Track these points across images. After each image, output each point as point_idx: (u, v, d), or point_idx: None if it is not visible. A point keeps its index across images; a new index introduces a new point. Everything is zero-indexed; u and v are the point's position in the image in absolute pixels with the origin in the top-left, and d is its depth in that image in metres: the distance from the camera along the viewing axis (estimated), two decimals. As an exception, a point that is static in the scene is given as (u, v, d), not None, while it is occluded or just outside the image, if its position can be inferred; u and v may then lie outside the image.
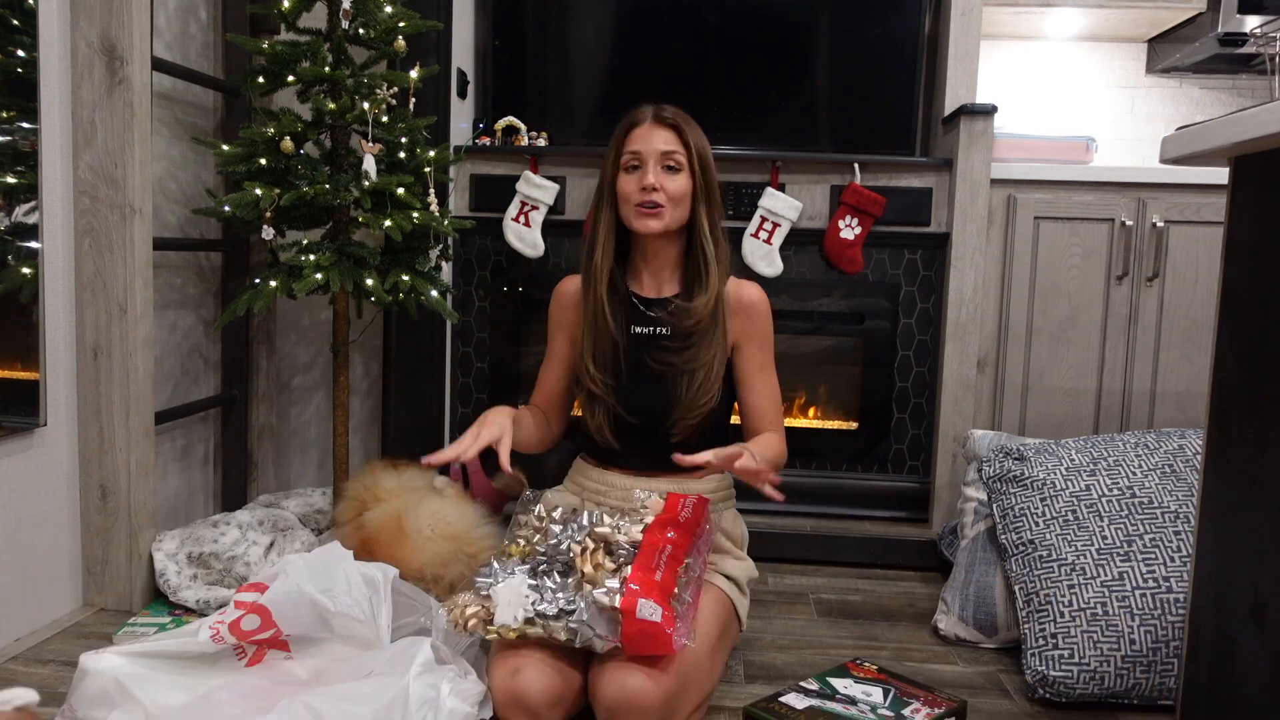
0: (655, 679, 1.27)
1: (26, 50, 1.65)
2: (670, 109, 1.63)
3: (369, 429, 2.48)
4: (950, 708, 1.47)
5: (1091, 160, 2.47)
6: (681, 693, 1.32)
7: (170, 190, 2.15)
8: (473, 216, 2.33)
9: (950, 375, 2.32)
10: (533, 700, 1.29)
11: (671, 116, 1.61)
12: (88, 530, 1.84)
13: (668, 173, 1.59)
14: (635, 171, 1.60)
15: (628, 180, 1.60)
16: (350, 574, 1.44)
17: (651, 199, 1.57)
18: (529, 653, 1.32)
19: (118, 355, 1.81)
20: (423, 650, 1.33)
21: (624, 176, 1.61)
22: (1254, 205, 1.17)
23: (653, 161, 1.58)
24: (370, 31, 1.99)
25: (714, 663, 1.47)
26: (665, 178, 1.58)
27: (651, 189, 1.57)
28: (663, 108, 1.62)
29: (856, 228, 2.33)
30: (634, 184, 1.59)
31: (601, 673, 1.30)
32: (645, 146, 1.59)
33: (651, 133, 1.60)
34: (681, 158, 1.59)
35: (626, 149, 1.60)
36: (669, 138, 1.59)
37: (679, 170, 1.59)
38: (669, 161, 1.59)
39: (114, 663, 1.31)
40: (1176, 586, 1.59)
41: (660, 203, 1.58)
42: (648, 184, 1.57)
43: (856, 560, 2.28)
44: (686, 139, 1.59)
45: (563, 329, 1.73)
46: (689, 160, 1.59)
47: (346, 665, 1.37)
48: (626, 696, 1.26)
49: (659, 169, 1.58)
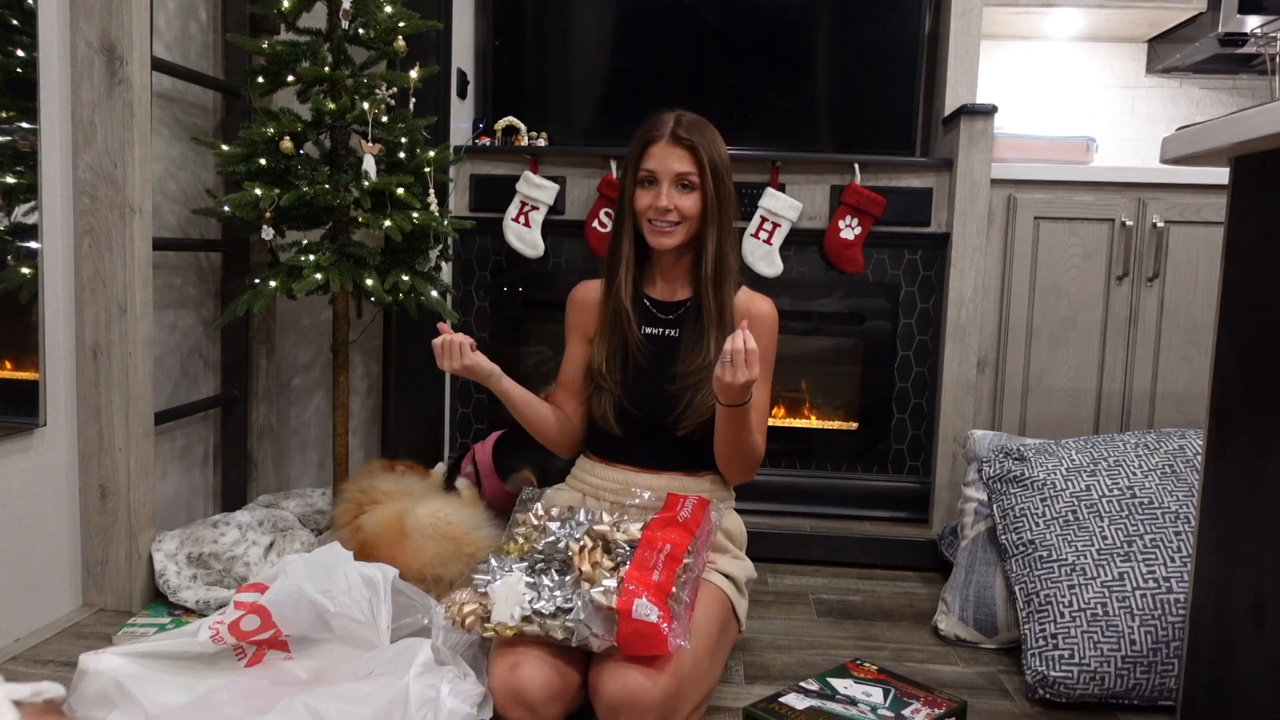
0: (654, 678, 1.27)
1: (26, 50, 1.65)
2: (688, 120, 1.62)
3: (369, 429, 2.48)
4: (950, 708, 1.47)
5: (1091, 160, 2.47)
6: (681, 692, 1.32)
7: (170, 190, 2.15)
8: (472, 217, 2.33)
9: (950, 375, 2.32)
10: (531, 695, 1.29)
11: (687, 133, 1.60)
12: (87, 530, 1.84)
13: (682, 191, 1.60)
14: (651, 187, 1.61)
15: (643, 196, 1.62)
16: (350, 575, 1.44)
17: (665, 219, 1.60)
18: (527, 649, 1.33)
19: (117, 355, 1.81)
20: (422, 651, 1.33)
21: (640, 191, 1.63)
22: (1254, 205, 1.16)
23: (667, 182, 1.59)
24: (370, 31, 1.99)
25: (713, 662, 1.47)
26: (680, 196, 1.60)
27: (664, 210, 1.59)
28: (680, 120, 1.61)
29: (856, 228, 2.33)
30: (649, 200, 1.61)
31: (602, 671, 1.30)
32: (660, 165, 1.60)
33: (667, 151, 1.60)
34: (696, 178, 1.60)
35: (643, 166, 1.62)
36: (684, 157, 1.59)
37: (694, 189, 1.60)
38: (684, 181, 1.60)
39: (113, 663, 1.31)
40: (1177, 587, 1.59)
41: (674, 220, 1.60)
42: (661, 205, 1.59)
43: (856, 560, 2.27)
44: (701, 157, 1.59)
45: (579, 331, 1.75)
46: (702, 180, 1.60)
47: (346, 665, 1.37)
48: (627, 695, 1.26)
49: (673, 189, 1.60)
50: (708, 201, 1.61)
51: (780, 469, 2.45)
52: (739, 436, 1.56)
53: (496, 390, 1.65)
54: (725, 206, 1.63)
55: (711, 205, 1.61)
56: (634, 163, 1.63)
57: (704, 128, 1.62)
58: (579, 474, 1.74)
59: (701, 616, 1.43)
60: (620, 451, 1.68)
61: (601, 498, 1.67)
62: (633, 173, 1.64)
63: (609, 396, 1.66)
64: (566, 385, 1.76)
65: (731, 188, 1.65)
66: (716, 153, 1.61)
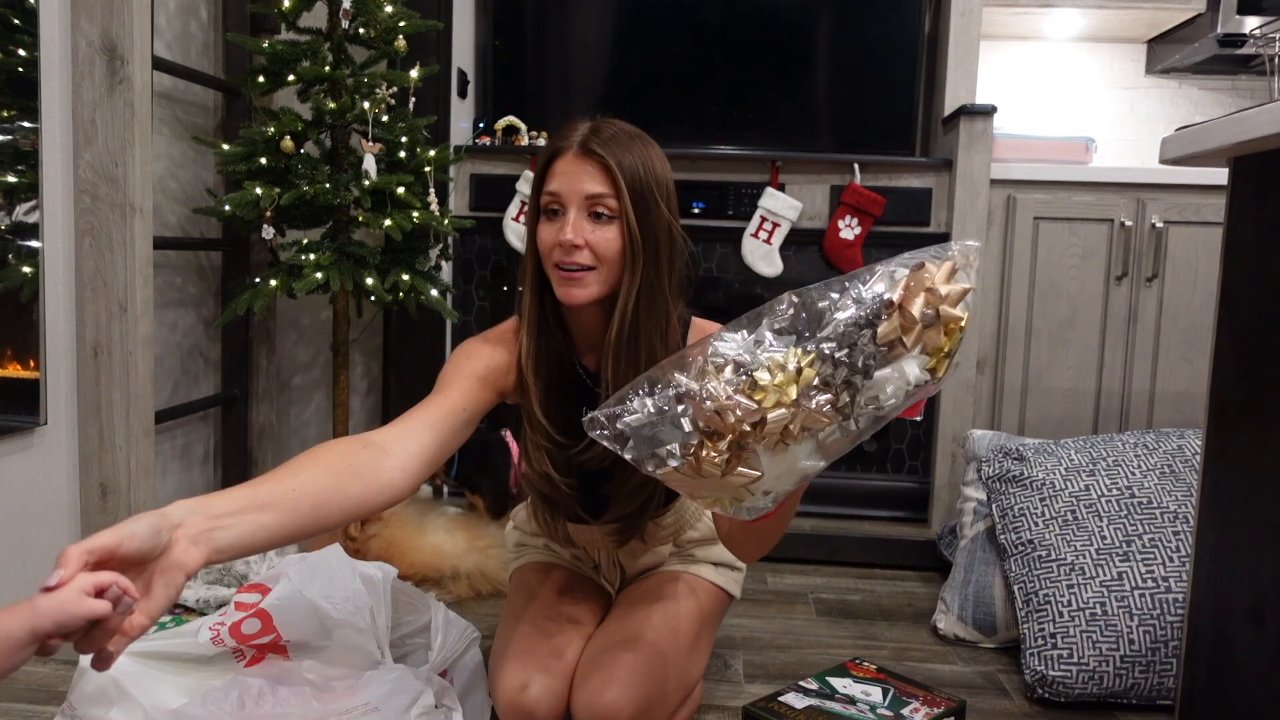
0: (628, 694, 1.25)
1: (27, 49, 1.65)
2: (609, 129, 1.20)
3: (369, 428, 2.47)
4: (949, 707, 1.47)
5: (1091, 161, 2.47)
6: (660, 696, 1.30)
7: (170, 189, 2.15)
8: (473, 216, 2.34)
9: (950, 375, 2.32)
10: (540, 717, 1.27)
11: (602, 144, 1.17)
12: (88, 529, 1.84)
13: (595, 221, 1.18)
14: (556, 219, 1.20)
15: (547, 230, 1.20)
16: (352, 579, 1.44)
17: (573, 260, 1.18)
18: (536, 667, 1.30)
19: (118, 354, 1.81)
20: (425, 695, 1.32)
21: (544, 225, 1.21)
22: (1253, 206, 1.17)
23: (574, 209, 1.18)
24: (370, 31, 1.99)
25: (694, 660, 1.42)
26: (593, 230, 1.18)
27: (569, 246, 1.17)
28: (598, 128, 1.20)
29: (856, 228, 2.34)
30: (553, 236, 1.19)
31: (578, 688, 1.28)
32: (565, 186, 1.18)
33: (576, 167, 1.18)
34: (613, 203, 1.17)
35: (546, 188, 1.20)
36: (597, 175, 1.17)
37: (614, 219, 1.18)
38: (597, 207, 1.17)
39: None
40: (1175, 587, 1.59)
41: (585, 263, 1.18)
42: (564, 240, 1.16)
43: (856, 560, 2.28)
44: (617, 177, 1.16)
45: (474, 378, 1.24)
46: (620, 206, 1.17)
47: (344, 683, 1.36)
48: (599, 712, 1.24)
49: (582, 218, 1.18)
50: (630, 239, 1.18)
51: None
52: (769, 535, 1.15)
53: (231, 555, 0.92)
54: (657, 248, 1.20)
55: (636, 245, 1.18)
56: (537, 185, 1.22)
57: (630, 139, 1.20)
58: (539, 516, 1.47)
59: (679, 612, 1.40)
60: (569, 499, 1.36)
61: (563, 546, 1.51)
62: (535, 199, 1.22)
63: (554, 459, 1.28)
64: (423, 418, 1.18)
65: (670, 224, 1.21)
66: (643, 173, 1.18)
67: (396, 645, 1.44)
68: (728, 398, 0.86)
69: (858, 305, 0.89)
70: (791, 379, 0.86)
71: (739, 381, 0.87)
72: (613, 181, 1.17)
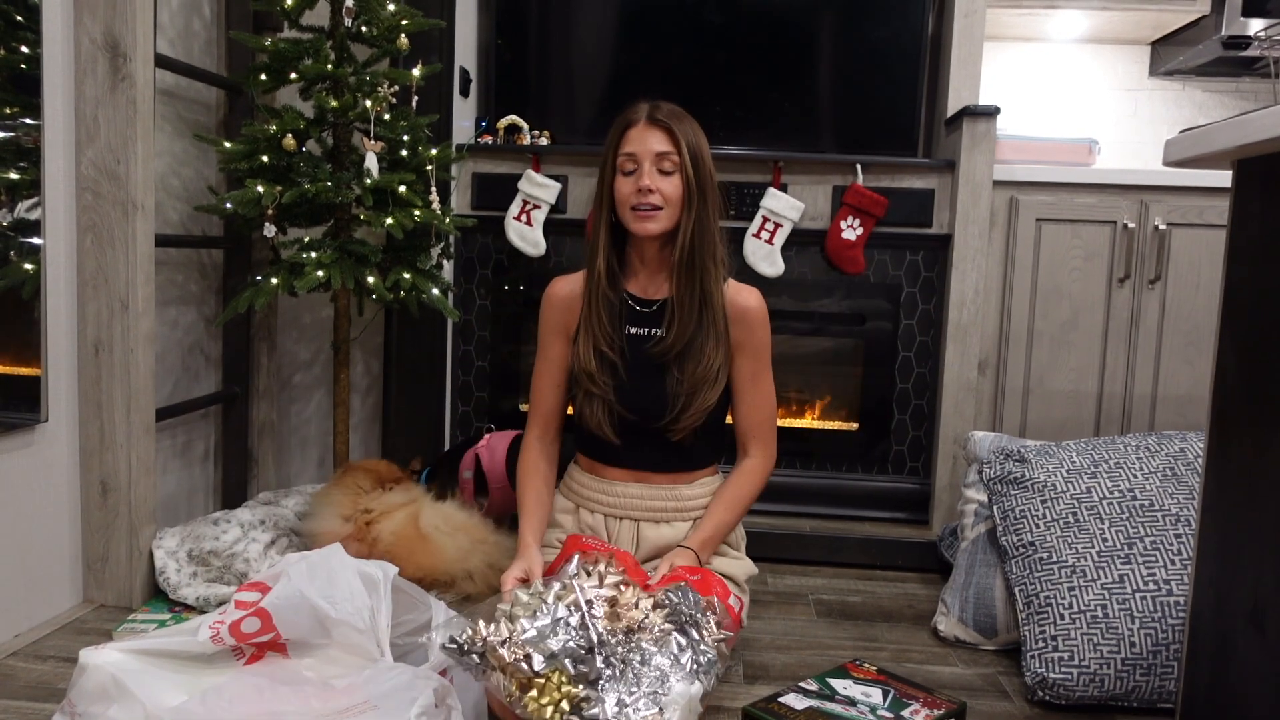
0: None
1: (30, 46, 1.65)
2: (666, 107, 1.61)
3: (369, 426, 2.48)
4: (949, 709, 1.47)
5: (1094, 162, 2.47)
6: None
7: (172, 187, 2.15)
8: (474, 215, 2.33)
9: (951, 377, 2.32)
10: None
11: (665, 117, 1.59)
12: (88, 526, 1.85)
13: (664, 175, 1.58)
14: (631, 175, 1.59)
15: (624, 183, 1.60)
16: (351, 578, 1.44)
17: (648, 201, 1.57)
18: None
19: (119, 351, 1.81)
20: (424, 694, 1.32)
21: (621, 179, 1.61)
22: (1257, 208, 1.17)
23: (648, 163, 1.58)
24: (373, 29, 1.99)
25: None
26: (661, 180, 1.58)
27: (647, 191, 1.57)
28: (658, 106, 1.61)
29: (858, 228, 2.33)
30: (630, 186, 1.59)
31: None
32: (640, 148, 1.58)
33: (646, 134, 1.59)
34: (675, 159, 1.58)
35: (622, 151, 1.60)
36: (663, 138, 1.58)
37: (675, 172, 1.59)
38: (664, 164, 1.58)
39: (113, 658, 1.31)
40: (1177, 589, 1.59)
41: (657, 204, 1.58)
42: (643, 186, 1.57)
43: (856, 561, 2.27)
44: (679, 140, 1.58)
45: (557, 331, 1.71)
46: (681, 163, 1.58)
47: (343, 681, 1.36)
48: None
49: (654, 171, 1.58)
50: (688, 186, 1.58)
51: (780, 469, 2.45)
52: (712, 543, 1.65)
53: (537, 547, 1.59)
54: (706, 194, 1.60)
55: (692, 190, 1.58)
56: (613, 149, 1.62)
57: (682, 115, 1.61)
58: (572, 485, 1.74)
59: None
60: (614, 457, 1.68)
61: (594, 510, 1.68)
62: (612, 160, 1.62)
63: (600, 402, 1.63)
64: (545, 399, 1.72)
65: (713, 178, 1.62)
66: (695, 139, 1.60)
67: (396, 644, 1.44)
68: (511, 660, 1.24)
69: None
70: None
71: (520, 658, 1.24)
72: (675, 143, 1.58)
